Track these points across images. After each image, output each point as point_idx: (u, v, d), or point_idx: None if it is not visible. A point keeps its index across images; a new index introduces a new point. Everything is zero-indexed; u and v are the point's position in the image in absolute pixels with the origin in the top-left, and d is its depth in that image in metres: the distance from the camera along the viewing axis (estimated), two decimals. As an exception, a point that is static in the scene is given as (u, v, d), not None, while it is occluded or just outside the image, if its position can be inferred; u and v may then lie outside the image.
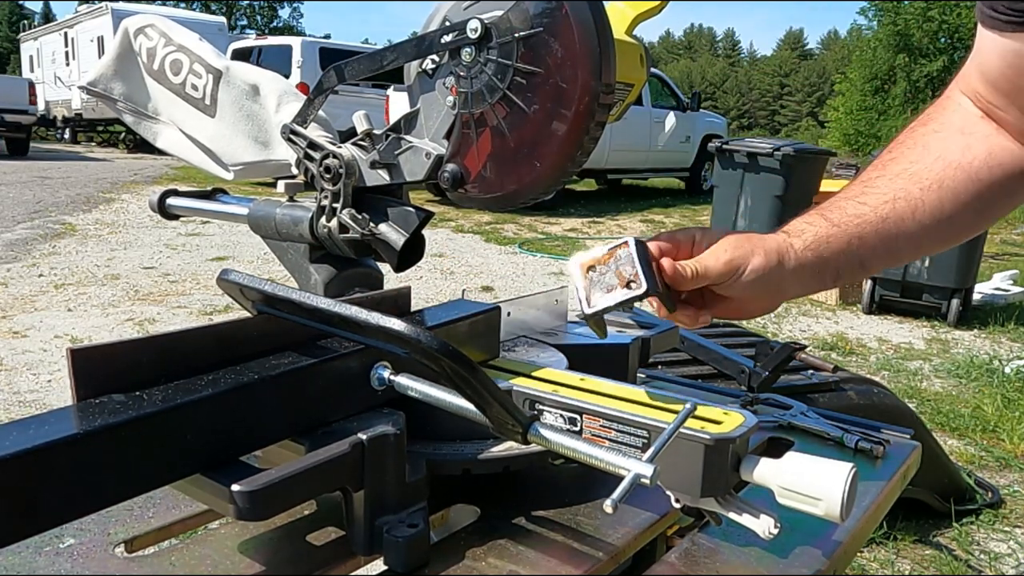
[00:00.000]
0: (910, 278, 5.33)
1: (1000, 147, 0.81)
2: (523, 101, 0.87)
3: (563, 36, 0.83)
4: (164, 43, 1.17)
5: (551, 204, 9.62)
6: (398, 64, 0.93)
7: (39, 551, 0.71)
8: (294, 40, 12.63)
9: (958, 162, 0.81)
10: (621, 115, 1.13)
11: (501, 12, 0.86)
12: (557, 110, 0.85)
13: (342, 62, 0.97)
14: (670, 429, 0.65)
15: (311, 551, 0.73)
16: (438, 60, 0.92)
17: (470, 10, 0.89)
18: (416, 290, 0.97)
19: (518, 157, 0.89)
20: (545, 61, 0.85)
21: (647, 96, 11.63)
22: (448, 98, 0.92)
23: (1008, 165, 0.80)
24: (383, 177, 0.99)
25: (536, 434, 0.65)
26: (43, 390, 3.56)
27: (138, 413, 0.58)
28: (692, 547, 0.76)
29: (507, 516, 0.78)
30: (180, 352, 0.67)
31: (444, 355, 0.60)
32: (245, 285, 0.70)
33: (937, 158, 0.81)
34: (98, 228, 7.80)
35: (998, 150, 0.81)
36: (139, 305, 5.05)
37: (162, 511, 0.79)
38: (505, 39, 0.86)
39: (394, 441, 0.69)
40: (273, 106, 1.13)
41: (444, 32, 0.89)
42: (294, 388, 0.69)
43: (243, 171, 1.18)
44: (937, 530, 2.65)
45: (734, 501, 0.69)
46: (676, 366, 2.06)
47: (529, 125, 0.88)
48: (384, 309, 0.65)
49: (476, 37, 0.86)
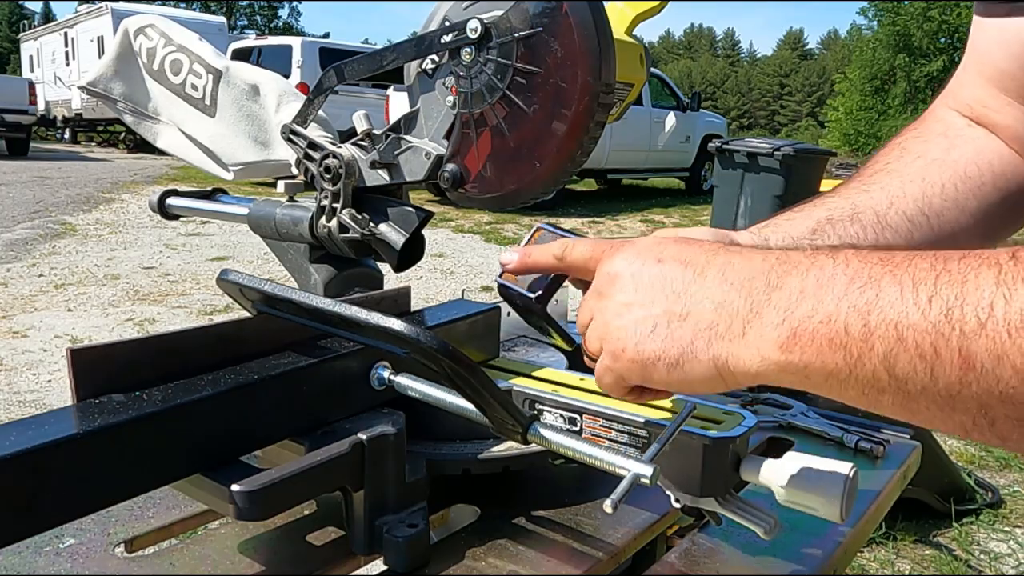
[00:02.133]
0: (910, 278, 5.33)
1: (990, 149, 0.76)
2: (523, 101, 0.87)
3: (563, 36, 0.83)
4: (164, 43, 1.17)
5: (551, 204, 9.61)
6: (398, 64, 0.93)
7: (39, 551, 0.71)
8: (294, 40, 12.63)
9: (941, 159, 0.76)
10: (621, 115, 1.13)
11: (501, 12, 0.86)
12: (557, 110, 0.85)
13: (342, 62, 0.97)
14: (670, 429, 0.65)
15: (311, 551, 0.73)
16: (438, 60, 0.92)
17: (470, 10, 0.89)
18: (416, 290, 0.97)
19: (518, 157, 0.89)
20: (545, 61, 0.85)
21: (647, 96, 11.62)
22: (448, 98, 0.92)
23: (999, 167, 0.75)
24: (383, 177, 0.99)
25: (536, 434, 0.65)
26: (43, 390, 3.56)
27: (138, 413, 0.58)
28: (692, 547, 0.76)
29: (507, 516, 0.78)
30: (180, 352, 0.67)
31: (444, 355, 0.60)
32: (245, 285, 0.70)
33: (917, 156, 0.77)
34: (98, 228, 7.80)
35: (988, 152, 0.76)
36: (139, 305, 5.05)
37: (162, 511, 0.79)
38: (505, 39, 0.86)
39: (394, 441, 0.69)
40: (273, 106, 1.13)
41: (444, 32, 0.89)
42: (294, 388, 0.69)
43: (243, 171, 1.18)
44: (937, 530, 2.65)
45: (734, 501, 0.69)
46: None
47: (529, 125, 0.87)
48: (384, 309, 0.65)
49: (476, 37, 0.86)
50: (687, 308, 0.51)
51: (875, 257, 0.44)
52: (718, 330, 0.49)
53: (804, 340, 0.45)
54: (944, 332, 0.39)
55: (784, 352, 0.46)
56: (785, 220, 0.78)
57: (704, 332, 0.50)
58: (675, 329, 0.51)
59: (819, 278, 0.45)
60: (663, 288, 0.52)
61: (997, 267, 0.39)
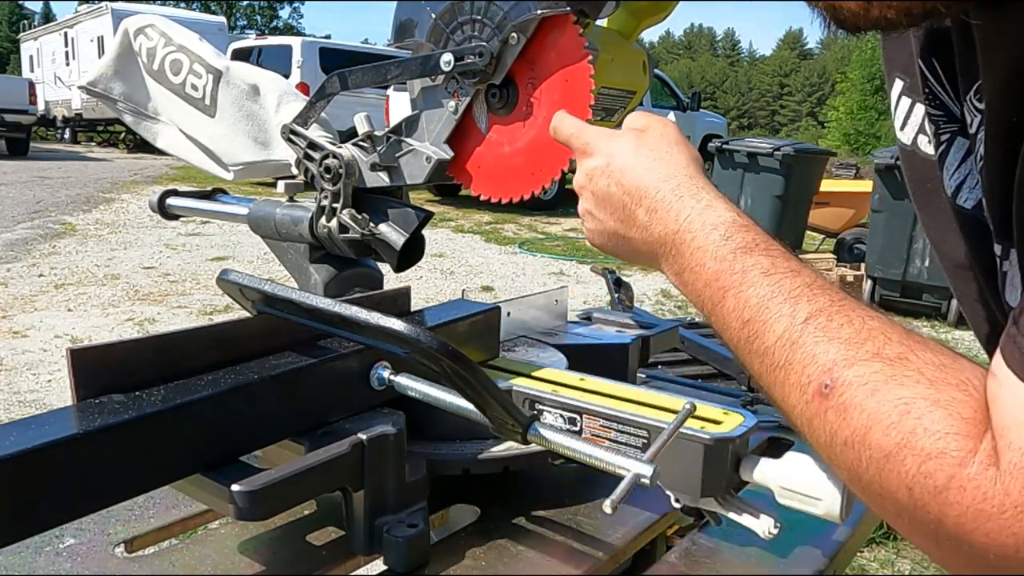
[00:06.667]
0: (910, 278, 5.33)
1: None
2: (524, 105, 0.88)
3: (560, 44, 0.84)
4: (164, 43, 1.17)
5: (551, 204, 9.62)
6: (401, 80, 0.94)
7: (39, 551, 0.71)
8: (294, 40, 12.63)
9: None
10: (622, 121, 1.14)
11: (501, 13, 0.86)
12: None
13: (346, 70, 0.98)
14: (670, 429, 0.65)
15: (311, 551, 0.73)
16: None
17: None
18: (416, 290, 0.97)
19: (519, 160, 0.90)
20: (544, 69, 0.86)
21: (647, 96, 11.58)
22: (450, 103, 0.92)
23: None
24: (383, 179, 0.99)
25: (536, 434, 0.65)
26: (43, 390, 3.56)
27: (138, 413, 0.58)
28: (692, 547, 0.76)
29: (507, 516, 0.78)
30: (180, 352, 0.67)
31: (444, 355, 0.60)
32: (245, 285, 0.70)
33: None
34: (98, 228, 7.80)
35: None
36: (139, 305, 5.05)
37: (162, 511, 0.79)
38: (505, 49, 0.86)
39: (394, 441, 0.69)
40: (273, 106, 1.13)
41: (448, 58, 0.89)
42: (294, 388, 0.70)
43: (243, 171, 1.18)
44: (937, 530, 2.65)
45: (734, 501, 0.69)
46: (676, 366, 2.05)
47: (529, 129, 0.88)
48: (384, 309, 0.65)
49: (483, 65, 0.87)
50: (628, 234, 0.70)
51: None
52: (645, 257, 0.70)
53: (689, 279, 0.64)
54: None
55: (679, 282, 0.67)
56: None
57: (638, 256, 0.71)
58: (620, 245, 0.72)
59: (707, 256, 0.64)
60: (613, 214, 0.71)
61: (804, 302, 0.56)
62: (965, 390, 0.47)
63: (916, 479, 0.47)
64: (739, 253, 0.61)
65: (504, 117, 0.90)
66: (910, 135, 0.73)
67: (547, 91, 0.86)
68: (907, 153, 0.74)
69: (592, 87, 0.83)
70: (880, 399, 0.49)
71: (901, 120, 0.74)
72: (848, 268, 6.05)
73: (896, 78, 0.73)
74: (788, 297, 0.56)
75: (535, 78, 0.87)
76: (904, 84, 0.72)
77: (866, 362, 0.50)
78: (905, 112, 0.73)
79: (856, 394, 0.50)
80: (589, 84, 0.83)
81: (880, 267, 5.46)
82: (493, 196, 0.94)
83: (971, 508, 0.45)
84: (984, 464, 0.45)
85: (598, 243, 0.75)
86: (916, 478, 0.47)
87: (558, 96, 0.86)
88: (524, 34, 0.84)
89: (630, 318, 1.17)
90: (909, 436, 0.47)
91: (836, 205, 7.23)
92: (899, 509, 0.49)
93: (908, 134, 0.73)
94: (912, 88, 0.71)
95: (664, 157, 0.70)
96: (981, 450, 0.45)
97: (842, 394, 0.50)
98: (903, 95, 0.73)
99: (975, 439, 0.45)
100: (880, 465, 0.48)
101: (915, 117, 0.72)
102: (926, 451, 0.46)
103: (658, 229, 0.67)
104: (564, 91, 0.85)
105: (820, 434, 0.52)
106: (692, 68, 72.53)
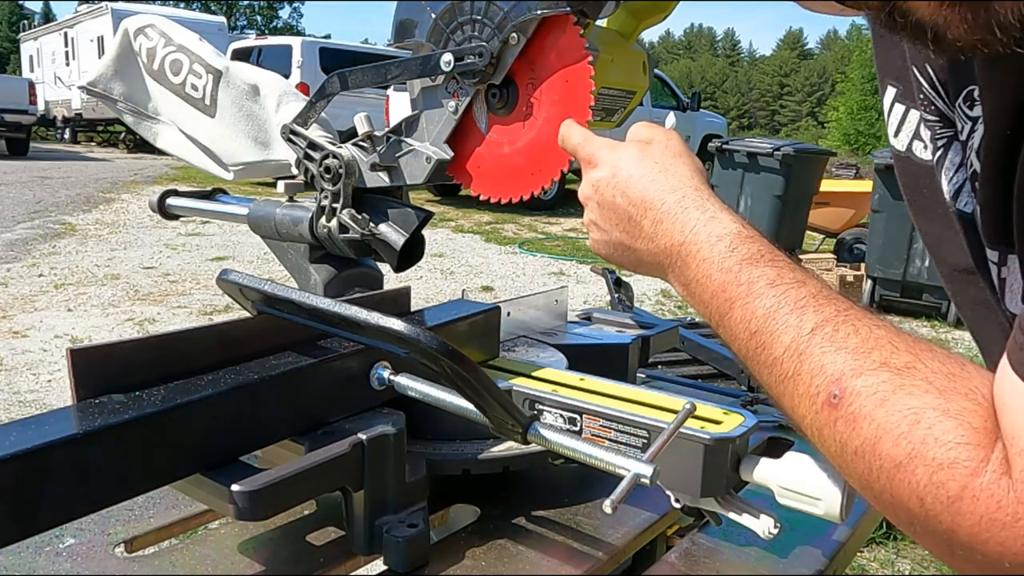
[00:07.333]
0: (910, 278, 5.33)
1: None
2: (524, 105, 0.88)
3: (560, 44, 0.84)
4: (164, 43, 1.17)
5: (551, 204, 9.61)
6: (401, 80, 0.94)
7: (39, 551, 0.71)
8: (294, 40, 12.62)
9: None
10: (622, 121, 1.14)
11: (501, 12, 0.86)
12: (556, 114, 0.86)
13: (346, 70, 0.98)
14: (670, 429, 0.65)
15: (311, 551, 0.73)
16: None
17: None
18: (416, 290, 0.97)
19: (519, 160, 0.90)
20: (544, 69, 0.86)
21: (647, 96, 11.58)
22: (450, 103, 0.92)
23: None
24: (383, 179, 0.99)
25: (536, 434, 0.65)
26: (43, 390, 3.56)
27: (138, 413, 0.58)
28: (692, 547, 0.76)
29: (507, 516, 0.78)
30: (180, 352, 0.67)
31: (444, 355, 0.60)
32: (245, 285, 0.70)
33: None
34: (98, 228, 7.80)
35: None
36: (139, 305, 5.05)
37: (162, 511, 0.79)
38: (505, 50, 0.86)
39: (394, 441, 0.69)
40: (273, 106, 1.13)
41: (448, 58, 0.89)
42: (294, 388, 0.70)
43: (243, 171, 1.18)
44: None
45: (734, 501, 0.69)
46: (676, 366, 2.05)
47: (529, 129, 0.88)
48: (384, 309, 0.65)
49: (483, 66, 0.87)
50: (634, 245, 0.71)
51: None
52: (650, 268, 0.71)
53: (695, 290, 0.65)
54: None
55: (686, 293, 0.67)
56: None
57: (643, 266, 0.72)
58: (625, 255, 0.73)
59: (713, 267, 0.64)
60: (618, 224, 0.72)
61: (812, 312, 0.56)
62: (974, 399, 0.47)
63: (928, 489, 0.47)
64: (745, 264, 0.61)
65: (504, 117, 0.90)
66: (904, 141, 0.73)
67: (547, 91, 0.87)
68: (902, 160, 0.74)
69: (592, 87, 0.83)
70: (889, 409, 0.48)
71: (895, 127, 0.74)
72: (848, 268, 6.05)
73: (888, 85, 0.73)
74: (794, 308, 0.56)
75: (535, 78, 0.87)
76: (897, 91, 0.72)
77: (874, 371, 0.50)
78: (899, 119, 0.73)
79: (865, 404, 0.50)
80: (589, 84, 0.83)
81: (880, 267, 5.46)
82: (493, 196, 0.94)
83: (985, 518, 0.44)
84: (996, 473, 0.44)
85: (603, 254, 0.75)
86: (928, 488, 0.47)
87: (558, 96, 0.86)
88: (524, 34, 0.84)
89: (630, 318, 1.17)
90: (920, 446, 0.47)
91: (836, 205, 7.23)
92: (911, 518, 0.49)
93: (902, 140, 0.73)
94: (905, 94, 0.71)
95: (669, 169, 0.71)
96: (992, 459, 0.45)
97: (851, 404, 0.50)
98: (896, 102, 0.73)
99: (986, 448, 0.45)
100: (891, 475, 0.48)
101: (909, 123, 0.72)
102: (937, 461, 0.46)
103: (664, 240, 0.67)
104: (564, 91, 0.85)
105: (830, 444, 0.52)
106: (692, 68, 72.56)
